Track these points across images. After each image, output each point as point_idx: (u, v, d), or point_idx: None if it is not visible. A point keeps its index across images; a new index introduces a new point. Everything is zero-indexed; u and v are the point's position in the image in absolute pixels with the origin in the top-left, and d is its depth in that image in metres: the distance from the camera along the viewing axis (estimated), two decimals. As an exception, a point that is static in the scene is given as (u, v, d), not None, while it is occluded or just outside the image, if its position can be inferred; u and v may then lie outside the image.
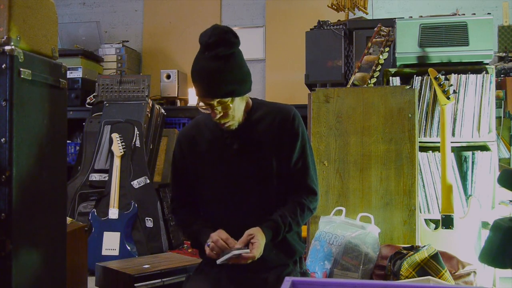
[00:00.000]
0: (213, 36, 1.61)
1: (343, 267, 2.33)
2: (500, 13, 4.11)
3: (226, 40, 1.63)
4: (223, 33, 1.63)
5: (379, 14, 4.43)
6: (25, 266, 1.69)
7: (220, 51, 1.61)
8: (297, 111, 1.82)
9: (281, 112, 1.79)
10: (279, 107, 1.82)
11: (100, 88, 4.14)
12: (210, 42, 1.61)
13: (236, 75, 1.66)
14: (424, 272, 2.13)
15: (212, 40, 1.61)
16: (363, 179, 2.71)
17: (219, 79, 1.62)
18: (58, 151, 1.91)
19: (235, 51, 1.66)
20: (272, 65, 4.89)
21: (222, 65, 1.62)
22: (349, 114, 2.76)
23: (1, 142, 1.60)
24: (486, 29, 2.90)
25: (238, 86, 1.66)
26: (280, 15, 4.90)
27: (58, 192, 1.92)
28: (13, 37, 1.64)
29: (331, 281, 1.46)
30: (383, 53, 3.05)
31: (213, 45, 1.61)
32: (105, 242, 3.28)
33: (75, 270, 2.43)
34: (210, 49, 1.61)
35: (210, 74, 1.62)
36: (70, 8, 5.47)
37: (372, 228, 2.46)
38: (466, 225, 2.63)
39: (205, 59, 1.62)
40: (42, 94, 1.78)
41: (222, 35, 1.62)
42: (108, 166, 3.60)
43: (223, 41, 1.62)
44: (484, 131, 2.85)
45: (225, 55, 1.62)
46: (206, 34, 1.63)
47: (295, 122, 1.78)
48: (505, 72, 3.64)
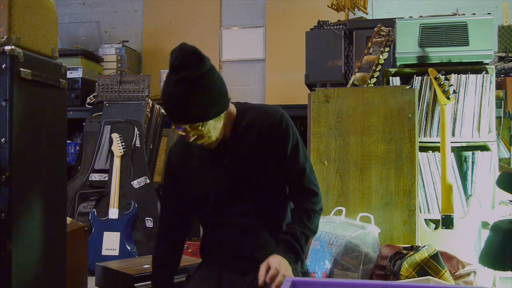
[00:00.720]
0: (178, 58, 1.51)
1: (343, 267, 2.33)
2: (500, 13, 4.11)
3: (192, 63, 1.51)
4: (189, 55, 1.52)
5: (379, 14, 4.43)
6: (25, 266, 1.69)
7: (186, 75, 1.50)
8: (284, 112, 1.74)
9: (268, 116, 1.70)
10: (265, 111, 1.73)
11: (100, 88, 4.14)
12: (176, 64, 1.51)
13: (205, 99, 1.55)
14: (424, 272, 2.13)
15: (177, 62, 1.51)
16: (363, 179, 2.70)
17: (187, 104, 1.52)
18: (58, 151, 1.91)
19: (204, 73, 1.54)
20: (272, 65, 4.89)
21: (188, 89, 1.51)
22: (349, 114, 2.76)
23: (1, 142, 1.59)
24: (486, 29, 2.90)
25: (208, 109, 1.56)
26: (280, 15, 4.90)
27: (58, 192, 1.92)
28: (13, 37, 1.64)
29: (331, 281, 1.46)
30: (383, 53, 3.05)
31: (178, 68, 1.51)
32: (105, 242, 3.28)
33: (75, 270, 2.43)
34: (176, 72, 1.51)
35: (176, 99, 1.52)
36: (70, 8, 5.46)
37: (372, 228, 2.46)
38: (466, 225, 2.63)
39: (171, 83, 1.52)
40: (42, 94, 1.78)
41: (188, 57, 1.51)
42: (108, 166, 3.60)
43: (188, 63, 1.51)
44: (484, 131, 2.85)
45: (192, 78, 1.51)
46: (173, 55, 1.53)
47: (282, 125, 1.69)
48: (505, 72, 3.64)
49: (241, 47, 5.02)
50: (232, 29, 5.07)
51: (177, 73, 1.51)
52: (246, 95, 5.00)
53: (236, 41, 5.05)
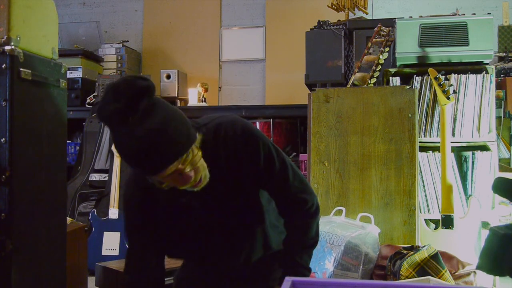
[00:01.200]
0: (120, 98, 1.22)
1: (343, 267, 2.33)
2: (500, 13, 4.11)
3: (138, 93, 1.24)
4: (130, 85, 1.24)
5: (379, 14, 4.43)
6: (25, 266, 1.69)
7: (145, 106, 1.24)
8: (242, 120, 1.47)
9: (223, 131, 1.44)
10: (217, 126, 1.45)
11: (100, 88, 4.14)
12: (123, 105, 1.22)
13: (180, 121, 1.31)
14: (424, 272, 2.13)
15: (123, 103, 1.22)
16: (363, 179, 2.70)
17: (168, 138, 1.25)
18: (58, 151, 1.91)
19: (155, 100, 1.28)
20: (272, 65, 4.89)
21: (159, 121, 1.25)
22: (349, 114, 2.76)
23: (1, 142, 1.59)
24: (486, 29, 2.90)
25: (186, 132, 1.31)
26: (280, 15, 4.90)
27: (58, 192, 1.92)
28: (13, 37, 1.64)
29: (331, 281, 1.46)
30: (383, 53, 3.05)
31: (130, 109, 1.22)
32: (105, 242, 3.28)
33: (75, 270, 2.43)
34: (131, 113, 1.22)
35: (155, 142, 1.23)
36: (70, 8, 5.46)
37: (372, 228, 2.46)
38: (466, 225, 2.63)
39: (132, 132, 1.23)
40: (42, 94, 1.78)
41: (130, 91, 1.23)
42: (108, 166, 3.60)
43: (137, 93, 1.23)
44: (484, 131, 2.85)
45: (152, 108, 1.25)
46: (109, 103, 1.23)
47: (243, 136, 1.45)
48: (505, 72, 3.64)
49: (241, 47, 5.02)
50: (232, 29, 5.07)
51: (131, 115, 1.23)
52: (246, 95, 5.00)
53: (236, 41, 5.05)
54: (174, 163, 1.27)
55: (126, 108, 1.22)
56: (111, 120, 1.25)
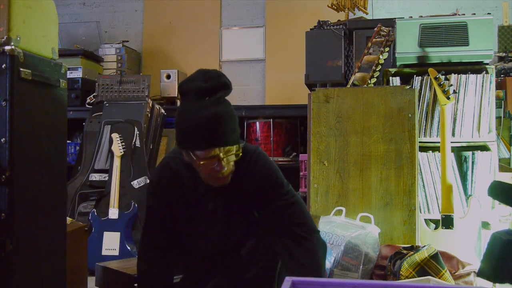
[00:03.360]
0: (209, 80, 1.49)
1: (343, 267, 2.33)
2: (500, 13, 4.11)
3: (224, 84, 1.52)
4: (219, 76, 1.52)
5: (379, 14, 4.43)
6: (25, 266, 1.69)
7: (223, 95, 1.51)
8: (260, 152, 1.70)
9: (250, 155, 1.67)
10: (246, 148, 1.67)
11: (100, 88, 4.14)
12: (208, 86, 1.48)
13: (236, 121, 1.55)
14: (424, 272, 2.13)
15: (209, 84, 1.49)
16: (363, 179, 2.70)
17: (227, 124, 1.49)
18: (58, 151, 1.91)
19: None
20: (272, 65, 4.89)
21: (227, 110, 1.50)
22: (349, 114, 2.76)
23: (1, 142, 1.59)
24: (486, 29, 2.90)
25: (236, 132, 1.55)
26: (280, 15, 4.90)
27: (58, 192, 1.92)
28: (13, 37, 1.64)
29: (331, 281, 1.46)
30: (383, 53, 3.05)
31: (212, 90, 1.49)
32: (105, 242, 3.28)
33: (75, 270, 2.43)
34: (210, 94, 1.48)
35: (220, 120, 1.47)
36: (70, 8, 5.46)
37: (372, 228, 2.46)
38: (466, 225, 2.63)
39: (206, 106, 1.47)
40: (42, 94, 1.78)
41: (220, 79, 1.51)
42: (108, 166, 3.60)
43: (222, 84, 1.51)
44: (484, 131, 2.85)
45: (224, 100, 1.52)
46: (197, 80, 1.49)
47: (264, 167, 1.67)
48: (505, 72, 3.64)
49: (241, 47, 5.02)
50: (232, 29, 5.08)
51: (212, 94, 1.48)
52: (246, 95, 5.00)
53: (236, 41, 5.05)
54: (222, 147, 1.49)
55: (208, 90, 1.48)
56: (191, 92, 1.49)
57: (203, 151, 1.49)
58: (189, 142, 1.51)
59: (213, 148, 1.49)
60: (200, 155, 1.51)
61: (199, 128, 1.47)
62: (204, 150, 1.49)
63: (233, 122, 1.52)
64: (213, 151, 1.49)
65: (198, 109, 1.47)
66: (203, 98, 1.48)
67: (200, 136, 1.48)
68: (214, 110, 1.47)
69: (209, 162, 1.51)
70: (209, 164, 1.51)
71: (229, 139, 1.50)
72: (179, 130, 1.53)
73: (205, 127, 1.47)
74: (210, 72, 1.52)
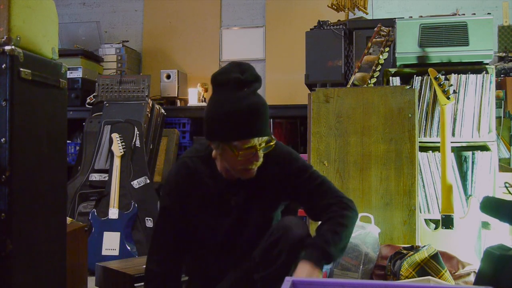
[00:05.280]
0: (246, 73, 1.53)
1: (343, 267, 2.33)
2: (500, 13, 4.11)
3: (257, 76, 1.57)
4: (252, 69, 1.57)
5: (379, 14, 4.43)
6: (25, 266, 1.69)
7: (257, 87, 1.55)
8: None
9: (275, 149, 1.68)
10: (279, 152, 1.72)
11: (100, 88, 4.14)
12: (245, 78, 1.52)
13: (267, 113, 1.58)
14: (424, 272, 2.13)
15: (246, 76, 1.52)
16: (363, 179, 2.70)
17: (266, 115, 1.54)
18: (58, 151, 1.91)
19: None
20: (272, 65, 4.89)
21: (263, 101, 1.55)
22: (349, 114, 2.76)
23: (1, 142, 1.59)
24: (486, 29, 2.90)
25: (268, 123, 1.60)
26: (280, 15, 4.90)
27: (58, 192, 1.92)
28: (13, 37, 1.64)
29: (331, 281, 1.46)
30: (383, 53, 3.05)
31: (248, 82, 1.52)
32: (105, 242, 3.28)
33: (75, 270, 2.43)
34: (247, 86, 1.52)
35: (257, 110, 1.51)
36: (70, 8, 5.46)
37: (372, 228, 2.45)
38: (466, 225, 2.63)
39: (244, 97, 1.50)
40: (42, 94, 1.78)
41: (253, 71, 1.56)
42: (108, 166, 3.60)
43: (256, 77, 1.55)
44: (484, 131, 2.85)
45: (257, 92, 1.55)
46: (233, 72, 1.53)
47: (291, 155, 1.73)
48: (505, 72, 3.64)
49: (241, 47, 5.01)
50: (232, 29, 5.08)
51: (250, 86, 1.52)
52: (246, 95, 4.99)
53: (236, 41, 5.05)
54: (260, 137, 1.53)
55: (246, 81, 1.51)
56: (228, 83, 1.52)
57: (243, 141, 1.52)
58: (230, 132, 1.52)
59: (252, 138, 1.52)
60: (239, 146, 1.53)
61: (241, 118, 1.50)
62: (245, 139, 1.52)
63: (268, 113, 1.56)
64: (251, 141, 1.52)
65: (238, 99, 1.50)
66: (241, 89, 1.51)
67: (243, 126, 1.51)
68: (254, 101, 1.51)
69: (247, 153, 1.54)
70: (247, 154, 1.54)
71: (267, 130, 1.55)
72: (217, 120, 1.53)
73: (247, 117, 1.50)
74: (244, 64, 1.56)
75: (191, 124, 4.31)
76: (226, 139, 1.54)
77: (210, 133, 1.59)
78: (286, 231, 1.61)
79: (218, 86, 1.56)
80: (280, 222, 1.66)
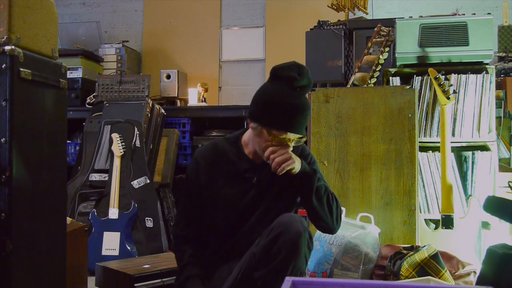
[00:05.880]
0: (303, 76, 1.69)
1: (343, 267, 2.33)
2: (500, 13, 4.10)
3: (311, 82, 1.74)
4: (309, 74, 1.73)
5: (379, 14, 4.43)
6: (25, 266, 1.69)
7: (307, 91, 1.74)
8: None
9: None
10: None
11: (100, 88, 4.14)
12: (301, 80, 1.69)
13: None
14: (424, 272, 2.13)
15: (302, 79, 1.69)
16: (363, 179, 2.70)
17: (308, 117, 1.75)
18: (58, 151, 1.91)
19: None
20: (272, 65, 4.77)
21: (310, 105, 1.78)
22: (349, 114, 2.76)
23: (1, 142, 1.59)
24: (486, 29, 2.90)
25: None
26: (280, 15, 4.90)
27: (58, 192, 1.92)
28: (13, 37, 1.64)
29: (331, 281, 1.46)
30: (383, 53, 3.05)
31: (303, 85, 1.70)
32: (105, 242, 3.28)
33: (75, 270, 2.43)
34: (301, 87, 1.69)
35: (304, 111, 1.70)
36: (70, 8, 5.46)
37: (372, 228, 2.46)
38: (466, 225, 2.63)
39: (297, 96, 1.69)
40: (42, 94, 1.78)
41: (309, 76, 1.72)
42: (108, 166, 3.60)
43: (309, 82, 1.72)
44: (484, 131, 2.85)
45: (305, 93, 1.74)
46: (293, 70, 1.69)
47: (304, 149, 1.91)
48: (505, 72, 3.64)
49: (241, 47, 5.01)
50: (232, 29, 5.07)
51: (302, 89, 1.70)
52: (246, 95, 5.00)
53: (236, 41, 5.04)
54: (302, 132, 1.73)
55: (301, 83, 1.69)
56: (286, 79, 1.69)
57: (281, 132, 1.70)
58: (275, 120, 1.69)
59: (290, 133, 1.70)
60: (276, 134, 1.70)
61: (291, 113, 1.68)
62: (285, 131, 1.70)
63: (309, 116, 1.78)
64: (288, 134, 1.70)
65: (292, 96, 1.68)
66: (295, 88, 1.68)
67: (288, 119, 1.69)
68: (305, 102, 1.70)
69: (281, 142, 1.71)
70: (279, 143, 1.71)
71: (304, 130, 1.74)
72: (268, 106, 1.70)
73: (296, 114, 1.69)
74: (304, 67, 1.72)
75: (191, 124, 4.31)
76: (269, 124, 1.71)
77: (256, 114, 1.75)
78: (286, 228, 1.65)
79: (276, 78, 1.74)
80: (279, 219, 1.68)
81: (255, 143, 1.80)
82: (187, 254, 1.87)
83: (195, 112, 4.38)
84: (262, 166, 1.82)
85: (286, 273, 1.59)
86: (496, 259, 1.65)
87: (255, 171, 1.83)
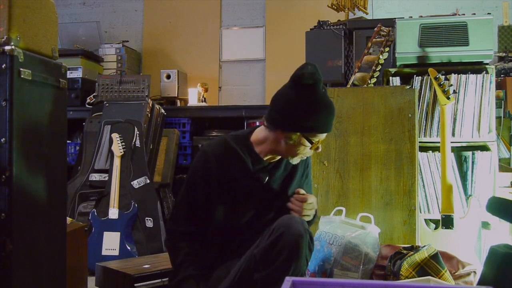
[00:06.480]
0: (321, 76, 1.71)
1: (343, 267, 2.33)
2: (500, 13, 4.11)
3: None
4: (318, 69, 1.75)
5: (379, 14, 4.43)
6: (25, 266, 1.69)
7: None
8: None
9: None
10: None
11: (100, 88, 4.14)
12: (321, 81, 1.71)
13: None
14: (424, 272, 2.13)
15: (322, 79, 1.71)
16: (363, 179, 2.70)
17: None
18: (58, 151, 1.91)
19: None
20: (272, 65, 4.89)
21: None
22: (349, 114, 2.76)
23: (1, 142, 1.59)
24: (486, 29, 2.90)
25: None
26: (280, 15, 4.90)
27: (58, 192, 1.92)
28: (13, 37, 1.64)
29: (331, 281, 1.46)
30: (383, 53, 3.05)
31: (324, 85, 1.73)
32: (105, 242, 3.28)
33: (75, 270, 2.43)
34: (323, 87, 1.71)
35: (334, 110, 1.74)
36: (70, 8, 5.46)
37: (372, 228, 2.45)
38: (466, 225, 2.63)
39: (325, 96, 1.71)
40: (42, 94, 1.78)
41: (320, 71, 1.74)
42: (108, 166, 3.60)
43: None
44: (484, 131, 2.85)
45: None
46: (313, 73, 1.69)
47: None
48: (505, 72, 3.64)
49: (241, 47, 5.01)
50: (232, 29, 5.08)
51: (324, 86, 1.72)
52: (246, 95, 5.00)
53: (236, 41, 5.04)
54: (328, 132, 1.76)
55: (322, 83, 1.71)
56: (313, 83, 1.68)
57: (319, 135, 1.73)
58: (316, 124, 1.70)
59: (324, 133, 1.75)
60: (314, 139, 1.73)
61: (329, 116, 1.72)
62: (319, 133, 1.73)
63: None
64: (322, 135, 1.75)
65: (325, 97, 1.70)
66: (322, 89, 1.69)
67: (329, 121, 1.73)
68: (330, 101, 1.72)
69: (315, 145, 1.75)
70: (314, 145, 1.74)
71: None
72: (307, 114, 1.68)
73: (332, 112, 1.73)
74: (314, 65, 1.72)
75: (191, 124, 4.31)
76: (310, 130, 1.71)
77: (295, 125, 1.72)
78: (286, 229, 1.64)
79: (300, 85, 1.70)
80: (280, 220, 1.68)
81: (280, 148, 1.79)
82: (183, 252, 1.80)
83: (195, 112, 4.38)
84: (273, 167, 1.84)
85: (287, 275, 1.59)
86: (498, 259, 1.65)
87: (266, 172, 1.84)
